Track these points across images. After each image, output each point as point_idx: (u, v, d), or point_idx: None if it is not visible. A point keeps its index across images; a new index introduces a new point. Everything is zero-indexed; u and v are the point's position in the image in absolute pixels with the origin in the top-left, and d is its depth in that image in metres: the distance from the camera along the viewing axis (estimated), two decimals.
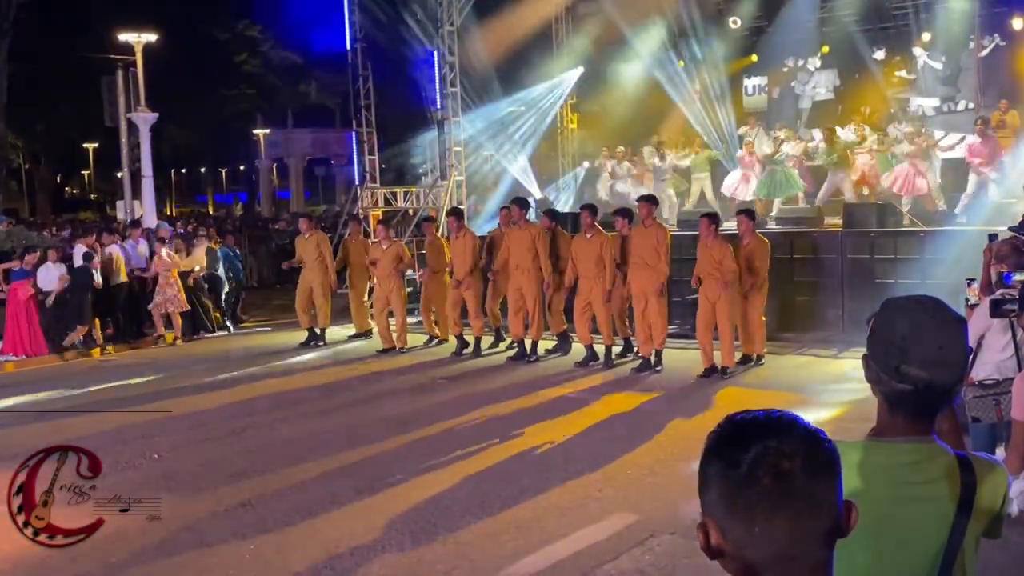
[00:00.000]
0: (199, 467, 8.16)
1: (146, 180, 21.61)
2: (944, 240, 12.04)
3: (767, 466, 1.37)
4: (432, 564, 5.85)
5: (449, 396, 10.70)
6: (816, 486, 1.39)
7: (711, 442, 1.48)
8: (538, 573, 5.66)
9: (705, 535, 1.46)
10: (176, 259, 15.20)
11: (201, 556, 6.13)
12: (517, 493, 7.10)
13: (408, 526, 6.49)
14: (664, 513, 6.48)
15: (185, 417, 9.83)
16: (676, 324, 13.29)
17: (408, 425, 9.23)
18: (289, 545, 6.23)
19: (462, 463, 7.93)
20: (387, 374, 12.20)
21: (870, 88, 18.38)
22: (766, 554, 1.40)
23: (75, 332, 14.20)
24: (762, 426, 1.43)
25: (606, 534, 6.20)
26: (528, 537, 6.23)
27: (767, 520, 1.38)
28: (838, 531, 1.44)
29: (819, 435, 1.43)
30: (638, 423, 8.85)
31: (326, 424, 9.53)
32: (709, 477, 1.45)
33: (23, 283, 13.86)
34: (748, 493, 1.38)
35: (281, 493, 7.34)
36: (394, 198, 19.75)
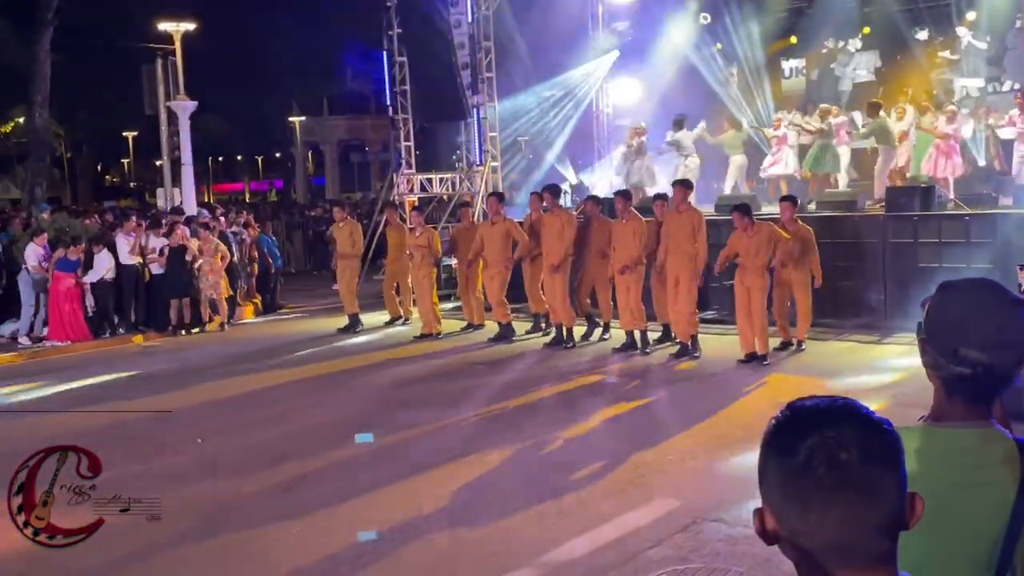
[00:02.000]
0: (242, 451, 8.24)
1: (186, 168, 21.79)
2: (990, 224, 11.85)
3: (823, 455, 1.36)
4: (473, 547, 5.88)
5: (487, 381, 10.71)
6: (873, 476, 1.37)
7: (770, 429, 1.47)
8: (580, 558, 5.66)
9: (761, 521, 1.44)
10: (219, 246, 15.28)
11: (246, 538, 6.20)
12: (557, 478, 7.11)
13: (449, 509, 6.53)
14: (706, 499, 6.46)
15: (226, 402, 9.95)
16: (715, 309, 13.22)
17: (447, 410, 9.27)
18: (332, 528, 6.28)
19: (502, 448, 7.95)
20: (423, 359, 12.24)
21: (913, 70, 18.09)
22: (821, 543, 1.39)
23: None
24: (821, 414, 1.41)
25: (648, 520, 6.19)
26: (570, 522, 6.23)
27: (821, 509, 1.36)
28: (900, 523, 1.42)
29: (882, 424, 1.41)
30: (677, 409, 8.82)
31: (366, 408, 9.59)
32: (766, 464, 1.44)
33: (66, 275, 14.07)
34: (803, 482, 1.37)
35: (323, 476, 7.41)
36: (429, 184, 19.77)
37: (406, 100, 19.39)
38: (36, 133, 32.03)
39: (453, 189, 19.47)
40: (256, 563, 5.88)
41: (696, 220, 11.43)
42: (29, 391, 11.29)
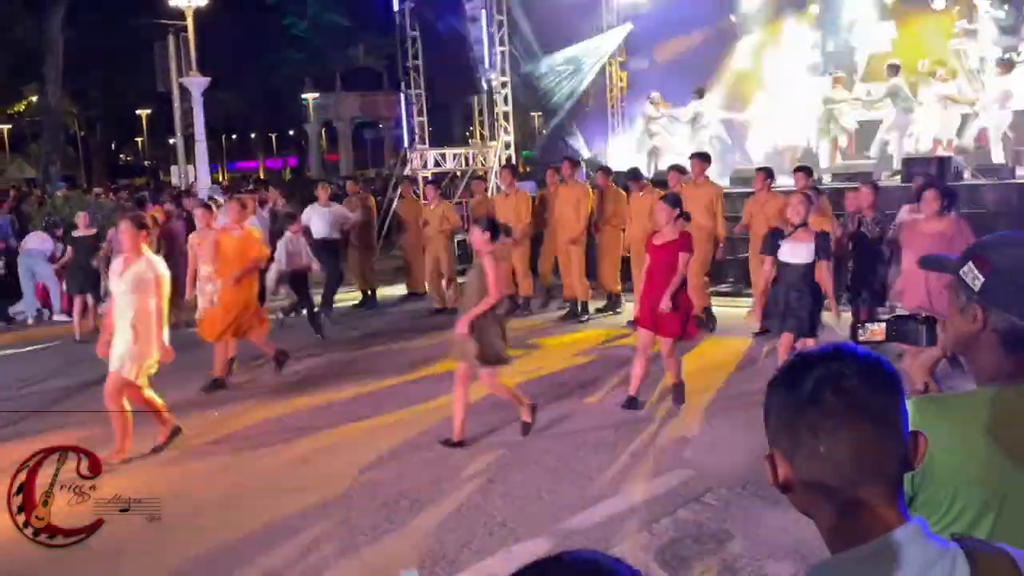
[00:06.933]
0: (259, 424, 8.29)
1: (199, 144, 21.85)
2: (1008, 193, 11.75)
3: (829, 384, 1.41)
4: (488, 515, 5.91)
5: None
6: (879, 401, 1.42)
7: (776, 374, 1.51)
8: (594, 526, 5.68)
9: (773, 468, 1.46)
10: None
11: (267, 504, 6.25)
12: (572, 449, 7.13)
13: (466, 479, 6.56)
14: (721, 468, 6.47)
15: (241, 376, 10.01)
16: (730, 282, 13.20)
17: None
18: (349, 499, 6.32)
19: (516, 421, 7.98)
20: (439, 334, 12.22)
21: (929, 39, 17.89)
22: (832, 478, 1.41)
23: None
24: (825, 353, 1.47)
25: (663, 489, 6.21)
26: (584, 491, 6.25)
27: (831, 437, 1.40)
28: (906, 460, 1.44)
29: (880, 359, 1.46)
30: (690, 380, 8.79)
31: (382, 383, 9.61)
32: (773, 405, 1.48)
33: None
34: (812, 413, 1.41)
35: (336, 449, 7.45)
36: (443, 159, 19.75)
37: (419, 75, 19.35)
38: (49, 111, 32.14)
39: (466, 164, 19.44)
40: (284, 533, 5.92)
41: (714, 193, 11.37)
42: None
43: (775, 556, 5.10)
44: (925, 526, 1.41)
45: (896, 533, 1.38)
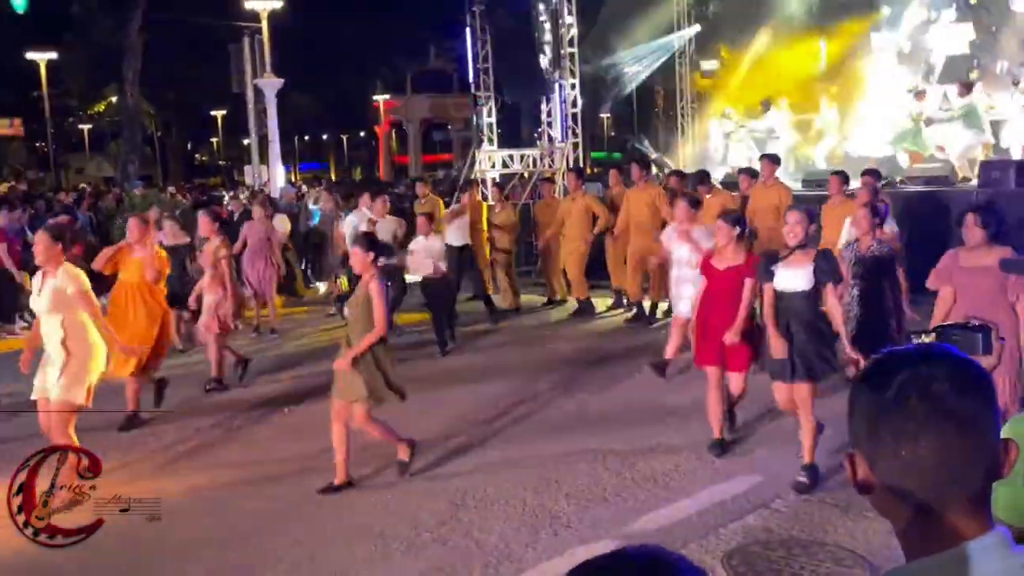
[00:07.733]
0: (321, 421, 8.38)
1: (273, 145, 22.20)
2: None
3: (915, 387, 1.36)
4: (553, 517, 5.90)
5: (568, 358, 10.67)
6: (967, 407, 1.36)
7: (861, 372, 1.46)
8: (660, 529, 5.64)
9: (852, 467, 1.43)
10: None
11: (339, 501, 6.32)
12: (639, 452, 7.08)
13: (531, 480, 6.55)
14: (790, 475, 6.37)
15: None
16: None
17: (527, 386, 9.28)
18: (416, 497, 6.37)
19: (585, 422, 7.96)
20: (502, 334, 12.26)
21: (1009, 42, 17.41)
22: (913, 483, 1.36)
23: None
24: (914, 353, 1.43)
25: (731, 494, 6.14)
26: (651, 495, 6.22)
27: (913, 443, 1.35)
28: (995, 468, 1.39)
29: (974, 363, 1.41)
30: (759, 384, 8.68)
31: (445, 382, 9.65)
32: (856, 405, 1.44)
33: None
34: (895, 416, 1.36)
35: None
36: (511, 160, 19.79)
37: (488, 77, 19.42)
38: (128, 111, 32.93)
39: (534, 165, 19.46)
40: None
41: (783, 195, 11.22)
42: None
43: (844, 564, 5.01)
44: (1009, 536, 1.37)
45: (976, 542, 1.34)
